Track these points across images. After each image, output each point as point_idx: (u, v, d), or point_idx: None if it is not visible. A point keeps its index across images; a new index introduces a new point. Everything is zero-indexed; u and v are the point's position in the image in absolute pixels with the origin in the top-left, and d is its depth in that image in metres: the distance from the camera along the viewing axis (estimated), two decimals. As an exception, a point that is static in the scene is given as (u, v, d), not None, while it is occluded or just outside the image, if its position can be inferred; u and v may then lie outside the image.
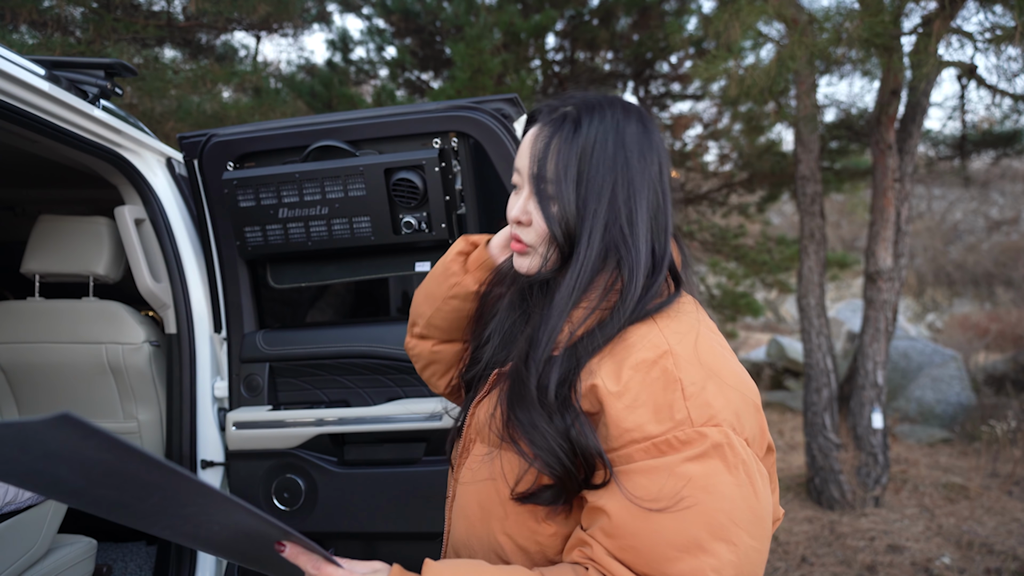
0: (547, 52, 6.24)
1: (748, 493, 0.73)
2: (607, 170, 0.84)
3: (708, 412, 0.74)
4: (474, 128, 1.62)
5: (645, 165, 0.86)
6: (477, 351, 1.04)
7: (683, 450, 0.73)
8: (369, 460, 1.82)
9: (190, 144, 1.77)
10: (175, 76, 4.36)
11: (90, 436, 0.54)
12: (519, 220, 0.89)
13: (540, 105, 0.93)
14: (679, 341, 0.80)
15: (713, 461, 0.73)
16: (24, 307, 2.01)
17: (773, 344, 8.48)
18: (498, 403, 0.88)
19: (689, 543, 0.71)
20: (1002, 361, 7.64)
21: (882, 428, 4.35)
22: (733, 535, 0.71)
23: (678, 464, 0.73)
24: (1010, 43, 3.15)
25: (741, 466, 0.73)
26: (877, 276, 4.34)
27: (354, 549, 1.85)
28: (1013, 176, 10.98)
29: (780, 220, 13.17)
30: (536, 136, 0.88)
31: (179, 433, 1.90)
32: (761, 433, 0.81)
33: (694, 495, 0.71)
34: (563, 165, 0.84)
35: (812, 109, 4.36)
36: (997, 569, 3.42)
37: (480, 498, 0.89)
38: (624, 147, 0.85)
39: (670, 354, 0.78)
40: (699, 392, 0.76)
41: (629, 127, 0.86)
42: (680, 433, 0.74)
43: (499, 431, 0.86)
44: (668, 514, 0.71)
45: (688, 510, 0.71)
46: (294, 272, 1.86)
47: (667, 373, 0.77)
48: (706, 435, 0.73)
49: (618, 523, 0.74)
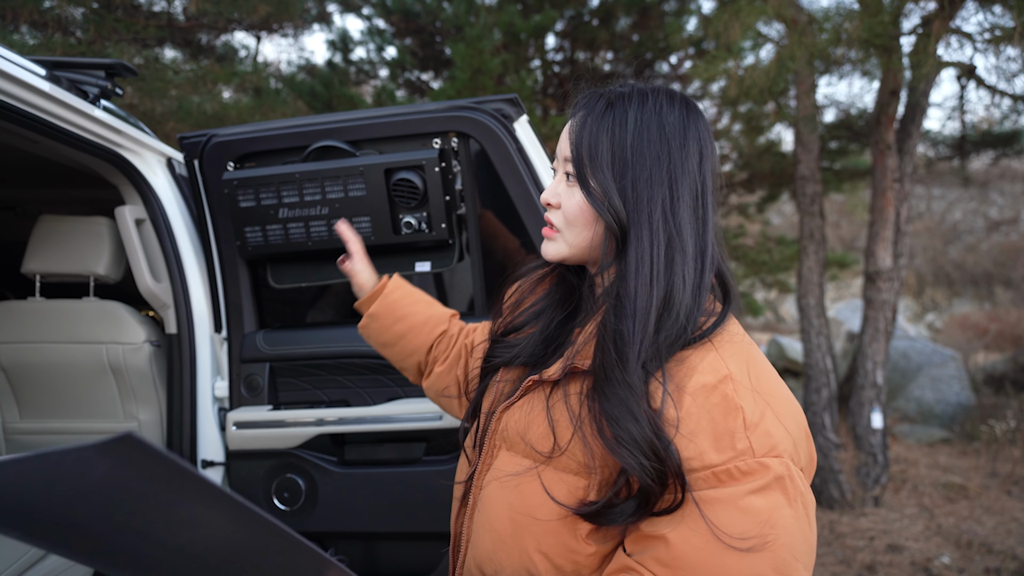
0: (547, 52, 6.24)
1: (805, 526, 0.72)
2: (656, 155, 0.83)
3: (769, 442, 0.73)
4: (474, 128, 1.62)
5: (686, 153, 0.84)
6: (506, 336, 1.02)
7: (744, 481, 0.71)
8: (369, 460, 1.82)
9: (190, 144, 1.77)
10: (175, 76, 4.37)
11: (154, 461, 0.49)
12: (548, 202, 0.91)
13: (584, 93, 0.93)
14: (736, 365, 0.78)
15: (775, 494, 0.71)
16: (25, 307, 2.01)
17: (773, 344, 8.48)
18: (545, 415, 0.84)
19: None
20: (1001, 361, 7.65)
21: (882, 428, 4.36)
22: (793, 570, 0.70)
23: (741, 497, 0.70)
24: (1009, 43, 3.15)
25: (799, 499, 0.72)
26: (876, 276, 4.35)
27: (354, 549, 1.86)
28: (1012, 176, 10.98)
29: (780, 220, 13.17)
30: (576, 121, 0.88)
31: (179, 433, 1.90)
32: (811, 461, 0.79)
33: (761, 531, 0.69)
34: (605, 150, 0.84)
35: (812, 109, 4.36)
36: (996, 569, 3.42)
37: (513, 513, 0.84)
38: (665, 134, 0.84)
39: (730, 379, 0.76)
40: (759, 421, 0.74)
41: (671, 114, 0.85)
42: (741, 463, 0.71)
43: (550, 447, 0.82)
44: (734, 550, 0.69)
45: (754, 546, 0.69)
46: (294, 272, 1.86)
47: (728, 400, 0.74)
48: (769, 467, 0.71)
49: (678, 554, 0.71)
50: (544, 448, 0.83)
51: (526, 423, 0.86)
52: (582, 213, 0.87)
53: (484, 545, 0.87)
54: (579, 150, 0.85)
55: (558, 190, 0.90)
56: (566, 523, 0.80)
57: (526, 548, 0.82)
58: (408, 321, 1.27)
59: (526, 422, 0.86)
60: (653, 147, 0.83)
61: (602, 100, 0.87)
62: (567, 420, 0.82)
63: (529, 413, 0.87)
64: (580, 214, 0.88)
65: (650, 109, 0.84)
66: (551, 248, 0.92)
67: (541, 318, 0.99)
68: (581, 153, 0.85)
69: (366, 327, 1.30)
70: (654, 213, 0.82)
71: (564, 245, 0.90)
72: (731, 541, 0.69)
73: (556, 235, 0.91)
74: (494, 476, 0.89)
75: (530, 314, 1.01)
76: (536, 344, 0.96)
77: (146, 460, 0.49)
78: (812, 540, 0.73)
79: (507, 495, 0.85)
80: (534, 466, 0.84)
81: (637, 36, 6.08)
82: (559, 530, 0.80)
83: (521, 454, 0.86)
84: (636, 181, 0.82)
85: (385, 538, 1.82)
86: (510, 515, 0.84)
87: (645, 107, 0.85)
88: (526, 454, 0.85)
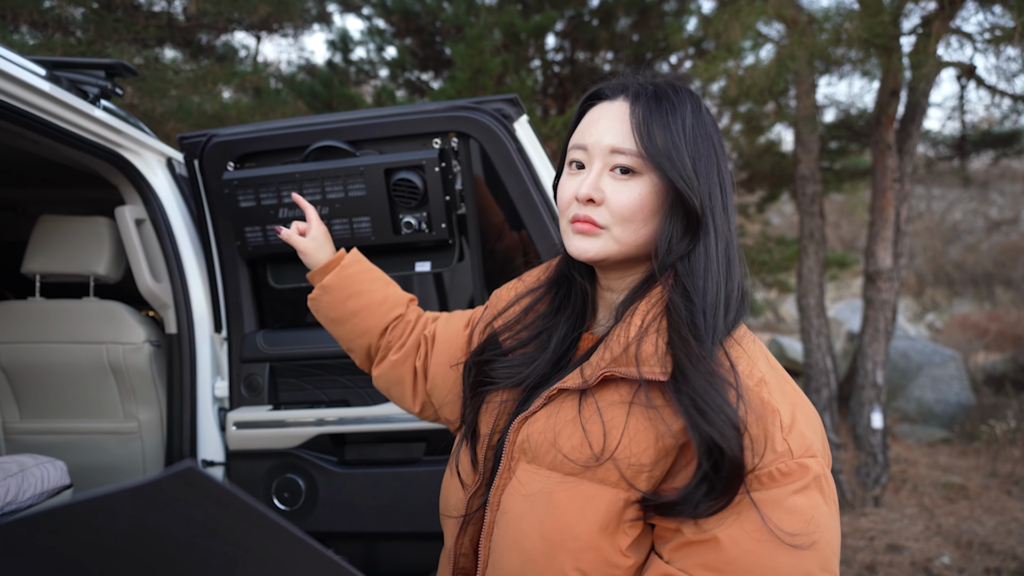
0: (547, 52, 6.24)
1: (837, 522, 0.75)
2: (708, 149, 0.83)
3: (804, 443, 0.74)
4: (474, 128, 1.62)
5: (724, 154, 0.86)
6: (505, 355, 0.97)
7: (786, 482, 0.72)
8: (369, 460, 1.82)
9: (190, 144, 1.77)
10: (175, 76, 4.37)
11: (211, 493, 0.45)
12: (591, 198, 0.83)
13: (605, 84, 0.89)
14: (763, 367, 0.80)
15: (815, 493, 0.73)
16: (25, 307, 2.01)
17: (773, 344, 8.48)
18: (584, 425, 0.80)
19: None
20: (1001, 361, 7.65)
21: (882, 428, 4.36)
22: (834, 565, 0.72)
23: (786, 497, 0.72)
24: (1009, 43, 3.15)
25: (832, 496, 0.75)
26: (877, 276, 4.35)
27: (354, 549, 1.86)
28: (1012, 176, 10.98)
29: (780, 220, 13.17)
30: (630, 112, 0.83)
31: (179, 433, 1.90)
32: (830, 459, 0.81)
33: (806, 530, 0.71)
34: (673, 140, 0.81)
35: (812, 109, 4.36)
36: (996, 569, 3.42)
37: (544, 529, 0.79)
38: (710, 132, 0.84)
39: (764, 383, 0.77)
40: (793, 423, 0.75)
41: (708, 114, 0.86)
42: (782, 465, 0.73)
43: (588, 455, 0.79)
44: (784, 549, 0.70)
45: (802, 545, 0.70)
46: (294, 272, 1.86)
47: (765, 403, 0.75)
48: (808, 467, 0.73)
49: (730, 557, 0.71)
50: (581, 456, 0.79)
51: (554, 433, 0.82)
52: (643, 207, 0.82)
53: (511, 565, 0.82)
54: (651, 140, 0.80)
55: (600, 184, 0.83)
56: (607, 537, 0.77)
57: (562, 567, 0.77)
58: (364, 298, 1.19)
59: (554, 432, 0.82)
60: (707, 143, 0.83)
61: (650, 91, 0.84)
62: (613, 426, 0.79)
63: (557, 423, 0.83)
64: (641, 208, 0.82)
65: (698, 106, 0.85)
66: (593, 245, 0.84)
67: (542, 336, 0.95)
68: (656, 143, 0.80)
69: (317, 299, 1.21)
70: (716, 207, 0.82)
71: (612, 242, 0.84)
72: (786, 539, 0.70)
73: (601, 231, 0.84)
74: (516, 491, 0.84)
75: (531, 332, 0.96)
76: (547, 365, 0.91)
77: (208, 493, 0.46)
78: (839, 534, 0.76)
79: (537, 512, 0.80)
80: (564, 479, 0.80)
81: (637, 36, 6.08)
82: (599, 545, 0.77)
83: (547, 467, 0.82)
84: (701, 175, 0.81)
85: (385, 538, 1.82)
86: (541, 532, 0.79)
87: (694, 103, 0.84)
88: (553, 466, 0.81)
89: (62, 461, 1.71)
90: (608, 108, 0.85)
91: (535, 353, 0.93)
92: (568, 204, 0.87)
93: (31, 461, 1.63)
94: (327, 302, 1.21)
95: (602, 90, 0.88)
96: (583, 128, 0.87)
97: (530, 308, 0.99)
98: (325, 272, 1.22)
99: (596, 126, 0.85)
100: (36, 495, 1.60)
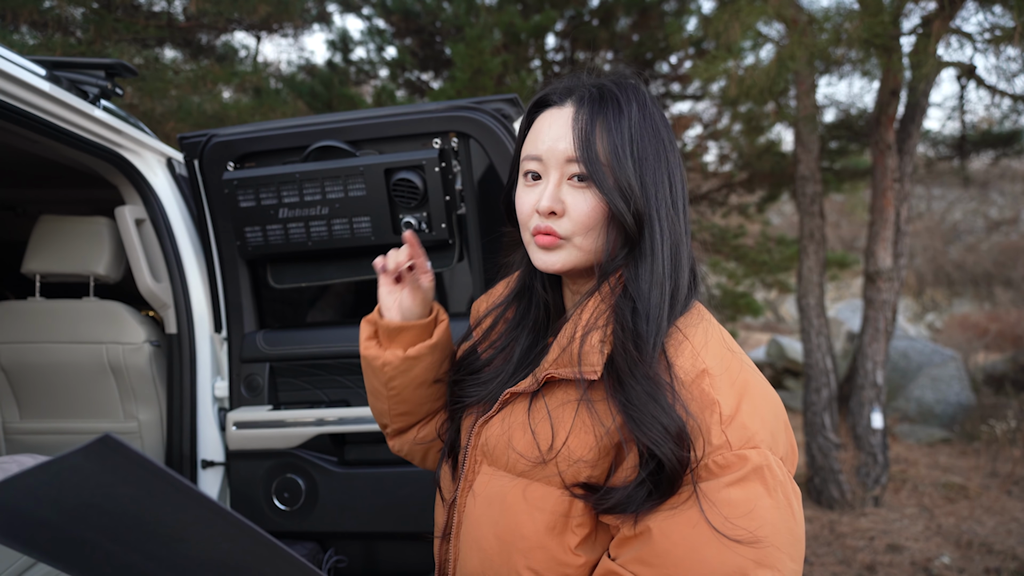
0: (547, 52, 6.24)
1: (787, 515, 0.71)
2: (656, 146, 0.82)
3: (746, 434, 0.72)
4: (474, 128, 1.62)
5: (674, 146, 0.85)
6: (467, 386, 0.96)
7: (722, 475, 0.71)
8: (369, 460, 1.82)
9: (190, 144, 1.77)
10: (175, 76, 4.37)
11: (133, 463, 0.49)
12: (552, 210, 0.82)
13: (551, 88, 0.87)
14: (712, 357, 0.77)
15: (754, 485, 0.70)
16: (25, 307, 2.01)
17: (773, 344, 8.48)
18: (528, 427, 0.81)
19: (733, 571, 0.68)
20: (1002, 361, 7.65)
21: (882, 428, 4.36)
22: (776, 560, 0.68)
23: (719, 489, 0.70)
24: (1009, 43, 3.15)
25: (780, 488, 0.71)
26: (876, 276, 4.34)
27: (354, 549, 1.86)
28: (1012, 176, 10.98)
29: (780, 220, 13.17)
30: (573, 118, 0.82)
31: (179, 433, 1.90)
32: (792, 450, 0.78)
33: (738, 523, 0.69)
34: (617, 145, 0.79)
35: (812, 109, 4.36)
36: (996, 569, 3.42)
37: (498, 530, 0.81)
38: (658, 127, 0.83)
39: (707, 374, 0.75)
40: (735, 414, 0.73)
41: (655, 107, 0.85)
42: (719, 458, 0.71)
43: (538, 453, 0.79)
44: (715, 543, 0.68)
45: (740, 539, 0.68)
46: (294, 272, 1.86)
47: (705, 395, 0.74)
48: (746, 458, 0.71)
49: (660, 550, 0.71)
50: (533, 454, 0.80)
51: (508, 436, 0.83)
52: (600, 216, 0.81)
53: (472, 565, 0.84)
54: (592, 151, 0.80)
55: (559, 195, 0.82)
56: (555, 536, 0.78)
57: (515, 566, 0.79)
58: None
59: (508, 435, 0.83)
60: (654, 140, 0.82)
61: (595, 94, 0.83)
62: (560, 426, 0.80)
63: (511, 426, 0.84)
64: (598, 217, 0.81)
65: (644, 102, 0.84)
66: (558, 258, 0.84)
67: (507, 349, 0.95)
68: (596, 154, 0.80)
69: (418, 359, 1.00)
70: (662, 206, 0.81)
71: (576, 251, 0.83)
72: (714, 533, 0.68)
73: (562, 243, 0.83)
74: (477, 493, 0.86)
75: (496, 348, 0.96)
76: (510, 376, 0.91)
77: (126, 463, 0.49)
78: (797, 530, 0.72)
79: (492, 513, 0.83)
80: (516, 480, 0.81)
81: (637, 36, 6.08)
82: (547, 545, 0.78)
83: (503, 468, 0.83)
84: (645, 177, 0.81)
85: (385, 538, 1.82)
86: (495, 533, 0.81)
87: (640, 100, 0.83)
88: (507, 467, 0.83)
89: (62, 461, 1.71)
90: (558, 115, 0.84)
91: (502, 367, 0.94)
92: (529, 216, 0.85)
93: (31, 461, 1.63)
94: (428, 363, 1.02)
95: (549, 96, 0.87)
96: (534, 137, 0.86)
97: (496, 322, 0.99)
98: (427, 329, 1.03)
99: (547, 134, 0.83)
100: (36, 495, 1.60)
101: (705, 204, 7.09)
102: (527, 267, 0.96)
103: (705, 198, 7.03)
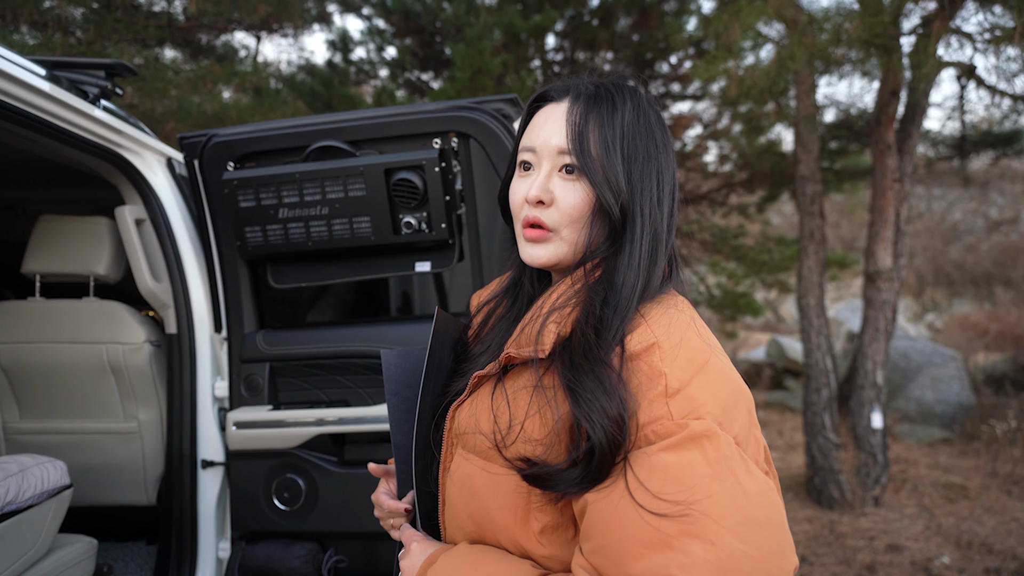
0: (547, 52, 6.24)
1: (734, 491, 0.67)
2: (648, 145, 0.84)
3: (690, 406, 0.70)
4: (474, 128, 1.62)
5: (668, 148, 0.87)
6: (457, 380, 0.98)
7: (657, 442, 0.69)
8: (369, 460, 1.82)
9: (190, 144, 1.77)
10: (175, 76, 4.37)
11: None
12: (540, 200, 0.84)
13: (551, 85, 0.90)
14: (666, 334, 0.76)
15: (690, 452, 0.67)
16: (25, 307, 2.01)
17: (773, 344, 8.48)
18: (493, 410, 0.82)
19: (656, 539, 0.65)
20: (1002, 361, 7.65)
21: (882, 428, 4.36)
22: (711, 533, 0.64)
23: (653, 454, 0.68)
24: (1009, 43, 3.15)
25: (723, 461, 0.68)
26: (876, 276, 4.35)
27: (354, 549, 1.86)
28: (1012, 176, 10.98)
29: (780, 220, 13.17)
30: (568, 112, 0.85)
31: (179, 433, 1.90)
32: (755, 441, 0.75)
33: (666, 487, 0.66)
34: (608, 140, 0.82)
35: (812, 109, 4.36)
36: (996, 569, 3.42)
37: (471, 511, 0.84)
38: (652, 127, 0.86)
39: (656, 347, 0.75)
40: (682, 387, 0.72)
41: (651, 110, 0.87)
42: (658, 427, 0.70)
43: (501, 437, 0.80)
44: (637, 508, 0.66)
45: (658, 503, 0.66)
46: (294, 272, 1.86)
47: (652, 367, 0.73)
48: (686, 425, 0.69)
49: (593, 519, 0.70)
50: (492, 441, 0.81)
51: (476, 419, 0.85)
52: (587, 208, 0.84)
53: (457, 540, 0.88)
54: (583, 144, 0.83)
55: (549, 186, 0.85)
56: (519, 522, 0.79)
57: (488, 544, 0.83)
58: None
59: (476, 418, 0.85)
60: (647, 139, 0.85)
61: (591, 91, 0.86)
62: (518, 409, 0.80)
63: (478, 409, 0.85)
64: (586, 209, 0.84)
65: (640, 103, 0.86)
66: (544, 251, 0.86)
67: (492, 346, 0.95)
68: (587, 148, 0.82)
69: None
70: (645, 206, 0.84)
71: (563, 244, 0.85)
72: (640, 500, 0.67)
73: (551, 235, 0.85)
74: (453, 476, 0.88)
75: (486, 344, 0.97)
76: (490, 358, 0.93)
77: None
78: (750, 509, 0.67)
79: (464, 496, 0.84)
80: (482, 463, 0.82)
81: (637, 36, 6.08)
82: (512, 528, 0.79)
83: (472, 451, 0.84)
84: (633, 174, 0.83)
85: (385, 538, 1.82)
86: (469, 514, 0.84)
87: (636, 100, 0.86)
88: (475, 450, 0.84)
89: (62, 461, 1.71)
90: (555, 110, 0.87)
91: (482, 356, 0.96)
92: (520, 207, 0.88)
93: (31, 461, 1.63)
94: None
95: (549, 92, 0.90)
96: (531, 130, 0.89)
97: (489, 317, 1.02)
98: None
99: (543, 128, 0.87)
100: (36, 495, 1.60)
101: (705, 204, 7.09)
102: (519, 263, 0.98)
103: (705, 198, 7.03)
